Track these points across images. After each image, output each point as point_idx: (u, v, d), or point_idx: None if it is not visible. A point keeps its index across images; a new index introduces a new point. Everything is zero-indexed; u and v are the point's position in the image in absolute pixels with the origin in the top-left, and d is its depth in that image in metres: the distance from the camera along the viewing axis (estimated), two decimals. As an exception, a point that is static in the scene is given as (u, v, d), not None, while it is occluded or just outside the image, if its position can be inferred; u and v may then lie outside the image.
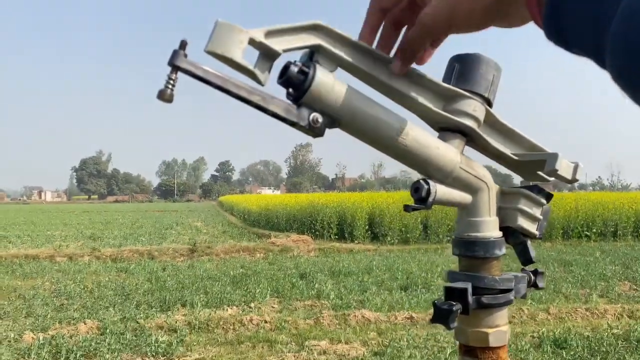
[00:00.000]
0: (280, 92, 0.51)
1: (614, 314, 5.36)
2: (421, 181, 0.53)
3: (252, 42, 0.45)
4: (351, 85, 0.52)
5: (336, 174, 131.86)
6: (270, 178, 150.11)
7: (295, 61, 0.49)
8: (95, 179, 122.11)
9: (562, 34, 0.39)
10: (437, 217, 12.81)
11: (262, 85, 0.48)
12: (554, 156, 0.57)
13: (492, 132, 0.59)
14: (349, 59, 0.51)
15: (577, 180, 0.59)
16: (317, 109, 0.49)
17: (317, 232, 13.59)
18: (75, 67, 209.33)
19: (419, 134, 0.53)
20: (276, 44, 0.47)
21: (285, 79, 0.48)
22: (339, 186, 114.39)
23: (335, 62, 0.51)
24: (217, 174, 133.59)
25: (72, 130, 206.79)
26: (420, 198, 0.52)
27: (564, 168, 0.58)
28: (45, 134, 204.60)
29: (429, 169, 0.54)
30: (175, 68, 0.43)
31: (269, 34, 0.47)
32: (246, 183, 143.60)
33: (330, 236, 13.41)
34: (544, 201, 0.59)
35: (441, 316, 0.51)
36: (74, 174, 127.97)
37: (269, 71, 0.48)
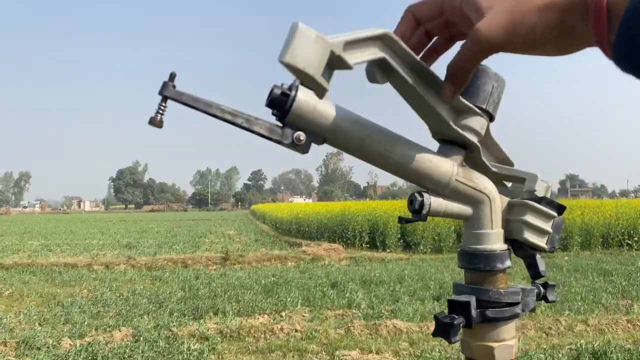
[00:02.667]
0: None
1: (657, 326, 5.15)
2: (415, 194, 0.53)
3: (331, 54, 0.43)
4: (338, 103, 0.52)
5: (368, 182, 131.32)
6: (302, 186, 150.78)
7: (282, 84, 0.49)
8: (131, 188, 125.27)
9: (637, 61, 0.36)
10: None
11: (320, 99, 0.48)
12: (534, 177, 0.60)
13: (482, 145, 0.59)
14: (406, 77, 0.50)
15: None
16: (300, 128, 0.50)
17: (348, 241, 13.55)
18: (112, 81, 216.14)
19: (409, 148, 0.53)
20: (350, 56, 0.45)
21: (269, 101, 0.49)
22: (370, 194, 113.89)
23: (388, 78, 0.50)
24: (250, 182, 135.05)
25: (110, 141, 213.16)
26: (415, 210, 0.53)
27: (539, 188, 0.60)
28: (84, 145, 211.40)
29: (423, 181, 0.54)
30: (164, 97, 0.47)
31: (347, 45, 0.44)
32: (278, 191, 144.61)
33: (361, 245, 13.34)
34: (554, 213, 0.57)
35: (442, 330, 0.50)
36: (112, 184, 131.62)
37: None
